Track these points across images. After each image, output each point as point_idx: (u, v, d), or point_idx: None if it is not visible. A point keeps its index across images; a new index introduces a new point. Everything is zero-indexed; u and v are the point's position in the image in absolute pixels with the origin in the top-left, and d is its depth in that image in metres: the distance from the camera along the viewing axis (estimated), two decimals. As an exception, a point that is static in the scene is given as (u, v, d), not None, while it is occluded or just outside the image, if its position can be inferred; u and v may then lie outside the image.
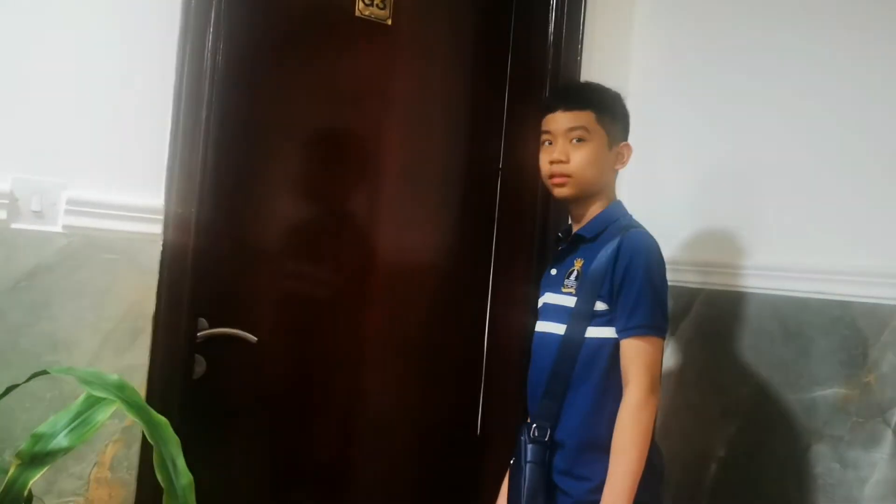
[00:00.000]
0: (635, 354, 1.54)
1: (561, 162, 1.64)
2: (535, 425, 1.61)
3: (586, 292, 1.59)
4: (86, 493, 1.59)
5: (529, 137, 2.21)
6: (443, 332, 2.26)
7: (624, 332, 1.56)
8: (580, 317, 1.59)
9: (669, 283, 2.08)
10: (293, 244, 2.00)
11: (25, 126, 1.54)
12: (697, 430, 2.01)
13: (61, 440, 1.20)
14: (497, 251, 2.32)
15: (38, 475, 1.17)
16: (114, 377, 1.16)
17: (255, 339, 1.89)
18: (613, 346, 1.58)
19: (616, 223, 1.66)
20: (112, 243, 1.60)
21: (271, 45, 1.95)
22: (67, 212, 1.56)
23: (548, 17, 2.23)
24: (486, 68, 2.32)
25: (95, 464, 1.60)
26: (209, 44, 1.72)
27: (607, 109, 1.68)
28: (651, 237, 1.63)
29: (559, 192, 1.68)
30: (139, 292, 1.64)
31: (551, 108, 1.68)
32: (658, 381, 1.57)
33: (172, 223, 1.68)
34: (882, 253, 1.68)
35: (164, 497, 1.05)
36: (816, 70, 1.85)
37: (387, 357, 2.17)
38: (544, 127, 1.69)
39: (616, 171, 1.73)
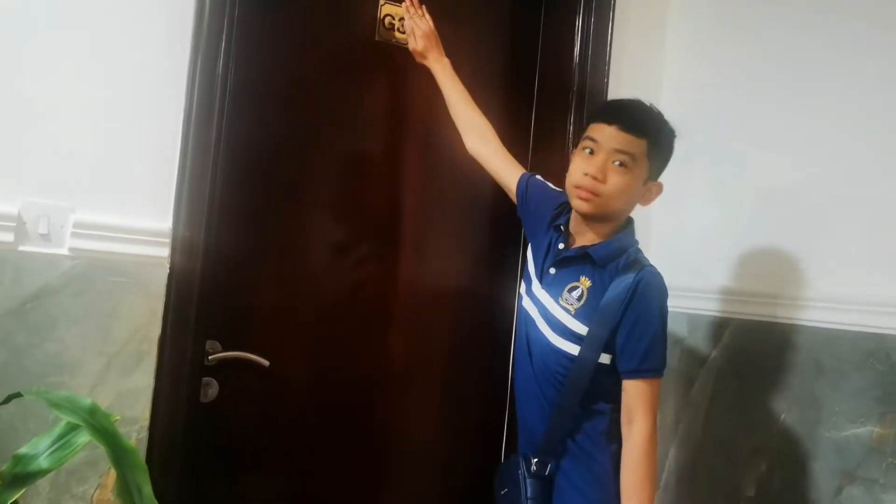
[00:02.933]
0: (644, 394, 1.54)
1: (596, 180, 1.55)
2: (535, 460, 1.58)
3: (600, 323, 1.55)
4: (88, 514, 1.60)
5: (556, 155, 2.19)
6: (468, 354, 2.22)
7: (635, 373, 1.54)
8: (594, 342, 1.55)
9: (697, 312, 2.03)
10: (307, 267, 1.99)
11: (34, 150, 1.56)
12: (726, 468, 1.91)
13: (41, 462, 1.21)
14: (524, 268, 2.26)
15: (18, 495, 1.17)
16: (86, 401, 1.16)
17: (268, 363, 1.88)
18: (611, 372, 1.56)
19: (627, 254, 1.60)
20: (118, 266, 1.62)
21: (285, 69, 1.95)
22: (74, 235, 1.58)
23: (574, 33, 2.21)
24: (512, 84, 2.29)
25: (98, 486, 1.61)
26: (220, 68, 1.73)
27: (660, 144, 1.61)
28: (662, 277, 1.59)
29: (580, 205, 1.59)
30: (145, 315, 1.65)
31: (607, 120, 1.57)
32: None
33: (180, 246, 1.68)
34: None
35: (125, 524, 1.03)
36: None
37: (408, 382, 2.13)
38: (591, 133, 1.59)
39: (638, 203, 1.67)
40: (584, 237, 1.65)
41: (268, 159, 1.93)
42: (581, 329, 1.56)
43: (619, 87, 2.19)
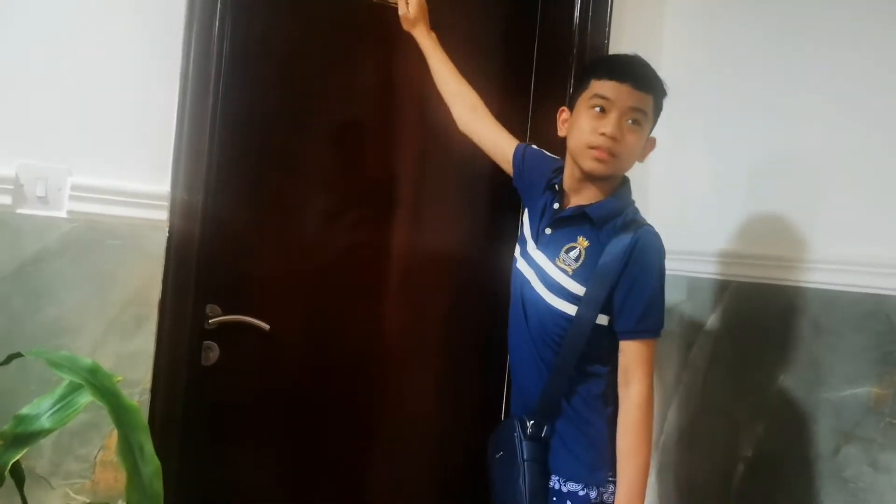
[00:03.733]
0: (641, 355, 1.53)
1: (614, 139, 1.52)
2: (531, 422, 1.58)
3: (598, 283, 1.53)
4: (92, 475, 1.61)
5: (553, 122, 2.18)
6: (466, 321, 2.22)
7: (631, 333, 1.54)
8: (592, 306, 1.54)
9: (696, 275, 2.02)
10: (306, 232, 1.99)
11: (31, 112, 1.56)
12: (725, 430, 1.92)
13: (44, 422, 1.22)
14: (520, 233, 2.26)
15: (20, 455, 1.18)
16: (87, 361, 1.16)
17: (268, 327, 1.89)
18: (607, 333, 1.56)
19: (625, 213, 1.58)
20: (117, 229, 1.61)
21: (282, 30, 1.93)
22: (72, 197, 1.57)
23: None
24: (511, 50, 2.27)
25: (101, 447, 1.62)
26: (216, 30, 1.72)
27: (661, 101, 1.60)
28: (660, 237, 1.57)
29: (595, 166, 1.55)
30: (144, 278, 1.65)
31: (619, 78, 1.52)
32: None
33: (179, 210, 1.68)
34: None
35: (126, 483, 1.04)
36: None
37: (407, 347, 2.14)
38: (601, 91, 1.53)
39: None
40: (581, 196, 1.62)
41: (265, 123, 1.92)
42: (579, 290, 1.54)
43: (619, 50, 2.16)
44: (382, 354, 2.10)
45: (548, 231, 1.63)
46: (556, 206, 1.65)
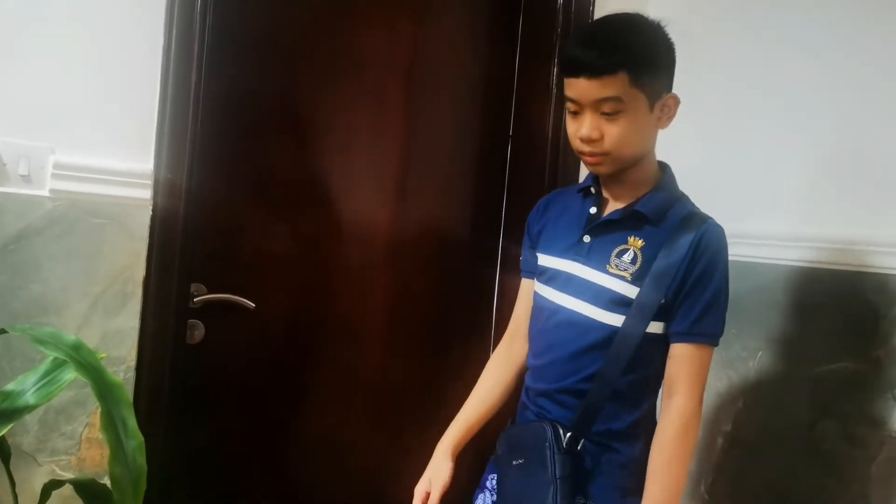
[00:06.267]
0: (691, 362, 1.36)
1: (593, 140, 1.33)
2: (569, 434, 1.37)
3: (655, 285, 1.34)
4: (77, 452, 1.63)
5: (539, 102, 2.18)
6: (450, 300, 2.24)
7: (686, 336, 1.36)
8: (644, 310, 1.35)
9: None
10: (292, 211, 1.99)
11: (13, 89, 1.55)
12: (704, 403, 1.93)
13: (28, 398, 1.23)
14: (507, 217, 2.28)
15: (5, 430, 1.19)
16: (71, 337, 1.17)
17: (254, 305, 1.90)
18: (662, 343, 1.38)
19: (679, 205, 1.42)
20: (101, 208, 1.62)
21: (265, 4, 1.92)
22: (55, 176, 1.57)
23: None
24: (495, 33, 2.26)
25: (87, 424, 1.63)
26: (199, 4, 1.71)
27: (645, 65, 1.32)
28: (724, 233, 1.40)
29: (596, 170, 1.41)
30: (129, 257, 1.65)
31: (572, 73, 1.32)
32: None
33: (162, 188, 1.68)
34: (893, 222, 1.59)
35: (109, 458, 1.05)
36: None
37: (391, 325, 2.15)
38: (567, 92, 1.35)
39: (657, 129, 1.43)
40: (621, 197, 1.44)
41: (249, 100, 1.92)
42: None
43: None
44: (366, 332, 2.11)
45: (586, 239, 1.43)
46: (592, 210, 1.45)
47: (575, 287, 1.42)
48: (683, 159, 2.06)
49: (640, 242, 1.38)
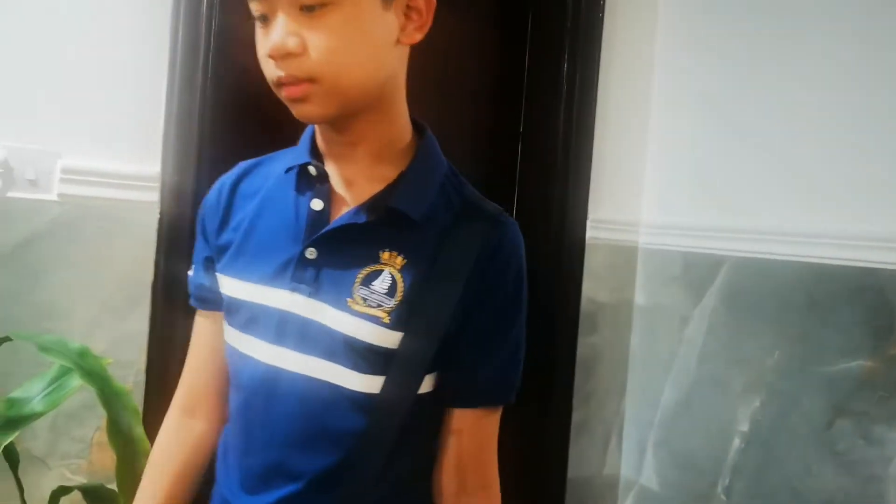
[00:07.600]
0: (484, 435, 0.94)
1: (289, 53, 0.83)
2: None
3: (427, 327, 0.87)
4: (88, 456, 1.63)
5: (549, 97, 2.16)
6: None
7: (480, 397, 0.93)
8: (413, 366, 0.88)
9: (692, 250, 2.02)
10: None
11: (20, 94, 1.55)
12: (720, 403, 1.92)
13: (35, 405, 1.23)
14: (518, 214, 2.26)
15: (11, 438, 1.19)
16: (76, 345, 1.17)
17: (263, 307, 1.89)
18: (434, 405, 0.93)
19: (451, 191, 0.95)
20: (108, 211, 1.61)
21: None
22: (62, 180, 1.57)
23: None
24: (505, 24, 2.24)
25: (97, 428, 1.63)
26: (205, 7, 1.70)
27: None
28: (520, 234, 0.95)
29: (301, 111, 0.89)
30: (137, 260, 1.65)
31: None
32: None
33: (169, 191, 1.67)
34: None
35: (116, 465, 1.05)
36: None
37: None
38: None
39: (405, 50, 0.97)
40: (359, 181, 0.93)
41: (257, 101, 1.90)
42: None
43: (615, 23, 2.14)
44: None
45: (310, 255, 0.90)
46: (317, 205, 0.92)
47: (296, 335, 0.89)
48: (697, 151, 2.05)
49: (399, 259, 0.88)
